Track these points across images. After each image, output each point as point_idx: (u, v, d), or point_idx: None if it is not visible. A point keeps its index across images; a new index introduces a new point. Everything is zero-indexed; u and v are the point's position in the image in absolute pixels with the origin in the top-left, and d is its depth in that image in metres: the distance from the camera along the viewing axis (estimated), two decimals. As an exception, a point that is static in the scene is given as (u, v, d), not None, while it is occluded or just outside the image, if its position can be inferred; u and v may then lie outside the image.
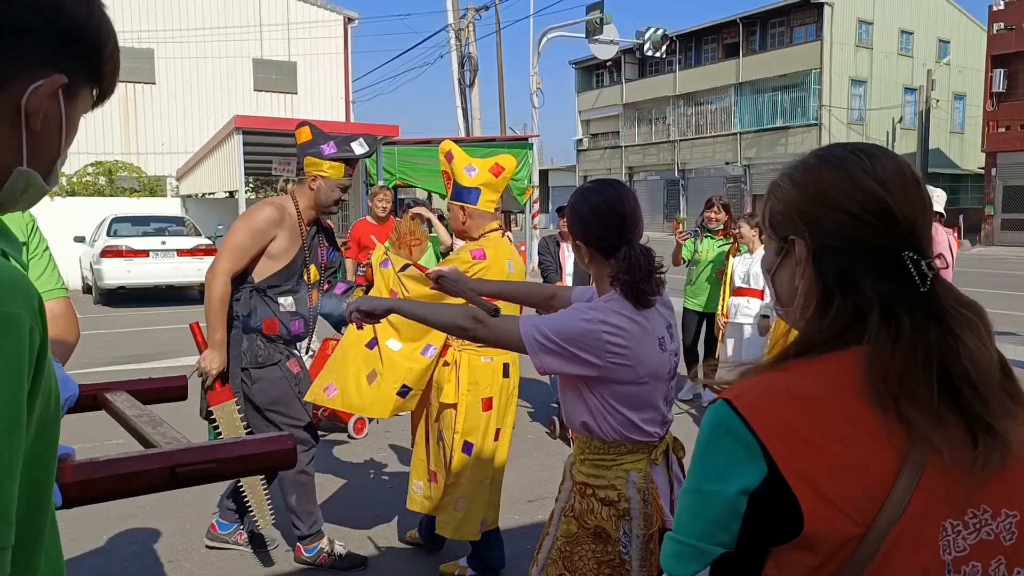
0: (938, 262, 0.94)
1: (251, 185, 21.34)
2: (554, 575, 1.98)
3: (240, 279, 3.20)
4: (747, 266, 5.73)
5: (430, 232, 3.56)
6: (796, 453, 0.88)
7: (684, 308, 6.31)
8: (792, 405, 0.90)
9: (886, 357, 0.90)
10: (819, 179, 0.98)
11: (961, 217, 27.96)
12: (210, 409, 3.17)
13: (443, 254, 5.73)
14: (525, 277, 3.38)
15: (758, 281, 5.63)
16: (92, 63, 0.89)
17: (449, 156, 3.20)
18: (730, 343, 5.92)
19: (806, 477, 0.87)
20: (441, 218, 6.54)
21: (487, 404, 3.17)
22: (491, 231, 3.19)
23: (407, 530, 3.79)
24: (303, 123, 3.36)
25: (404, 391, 3.18)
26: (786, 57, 34.48)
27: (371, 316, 2.08)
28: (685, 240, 6.42)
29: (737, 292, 5.83)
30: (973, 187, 37.13)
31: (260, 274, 3.23)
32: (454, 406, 3.16)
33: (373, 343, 3.19)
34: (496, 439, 3.26)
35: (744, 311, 5.77)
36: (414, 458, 3.45)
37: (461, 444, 3.18)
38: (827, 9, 32.75)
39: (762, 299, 5.64)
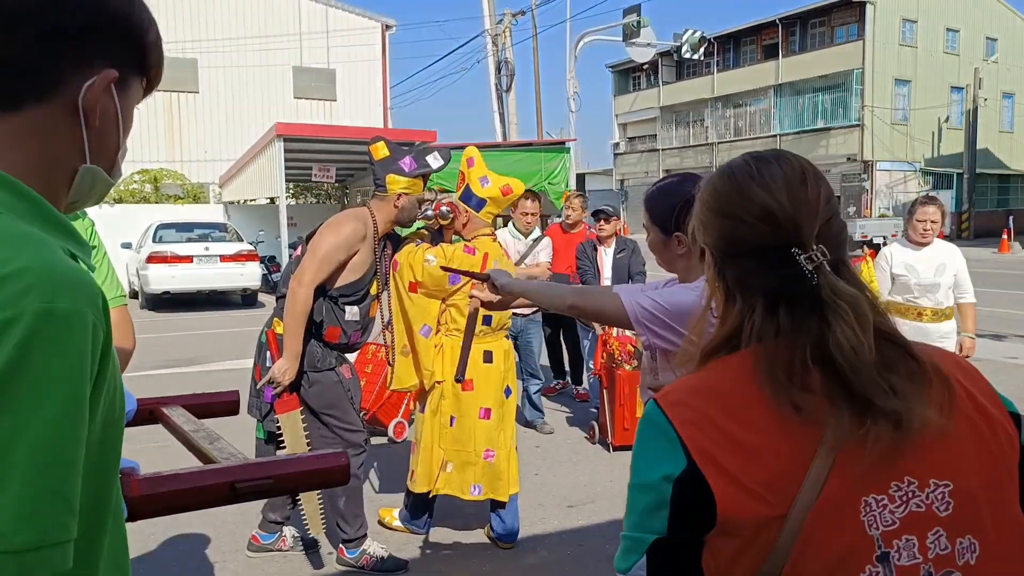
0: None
1: (291, 191, 21.70)
2: None
3: (317, 289, 3.20)
4: None
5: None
6: (709, 439, 0.93)
7: None
8: (707, 397, 0.97)
9: (771, 349, 0.97)
10: (714, 190, 1.07)
11: (1011, 219, 27.16)
12: (275, 417, 3.22)
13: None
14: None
15: None
16: (139, 53, 0.91)
17: (470, 162, 3.54)
18: None
19: (717, 462, 0.92)
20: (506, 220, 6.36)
21: (467, 385, 3.55)
22: (483, 234, 3.57)
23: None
24: (377, 138, 3.36)
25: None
26: (827, 57, 33.90)
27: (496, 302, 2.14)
28: None
29: None
30: (1023, 187, 36.14)
31: (334, 283, 3.25)
32: (440, 383, 3.57)
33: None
34: (486, 417, 3.54)
35: None
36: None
37: (448, 419, 3.56)
38: (869, 8, 32.12)
39: None
